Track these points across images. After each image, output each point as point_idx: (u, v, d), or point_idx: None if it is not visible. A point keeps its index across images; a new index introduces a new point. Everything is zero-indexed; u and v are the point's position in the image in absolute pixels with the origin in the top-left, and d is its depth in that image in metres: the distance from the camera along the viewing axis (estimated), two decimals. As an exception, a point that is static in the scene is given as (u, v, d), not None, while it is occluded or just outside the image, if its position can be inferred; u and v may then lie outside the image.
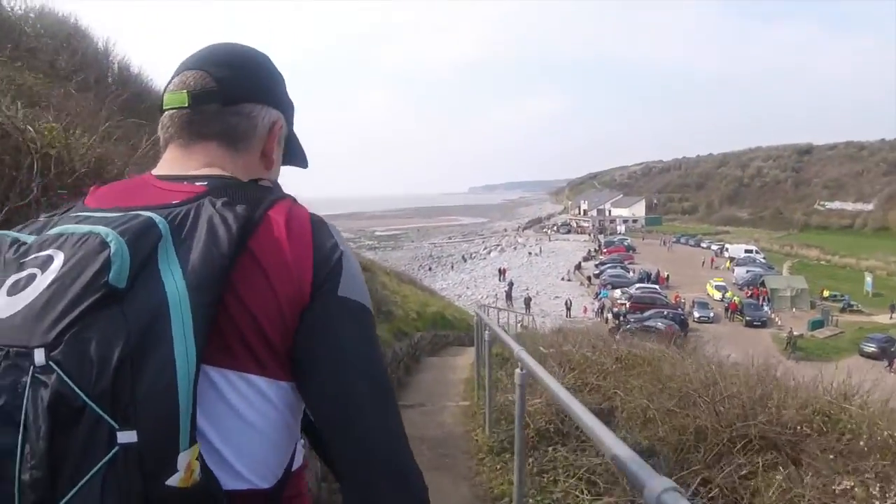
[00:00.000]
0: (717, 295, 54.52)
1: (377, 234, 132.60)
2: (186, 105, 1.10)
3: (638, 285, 55.79)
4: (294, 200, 1.08)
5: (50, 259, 0.86)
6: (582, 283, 64.45)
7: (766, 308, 50.27)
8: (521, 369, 3.83)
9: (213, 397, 0.90)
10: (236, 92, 1.12)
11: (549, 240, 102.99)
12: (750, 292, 55.23)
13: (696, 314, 47.74)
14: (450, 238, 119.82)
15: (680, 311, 47.42)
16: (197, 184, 1.05)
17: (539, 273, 72.14)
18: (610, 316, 47.14)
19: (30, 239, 0.92)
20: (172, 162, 1.12)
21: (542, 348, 8.52)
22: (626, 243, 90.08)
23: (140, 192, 1.05)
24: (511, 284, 59.00)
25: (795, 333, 41.96)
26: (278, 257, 0.95)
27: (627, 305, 48.17)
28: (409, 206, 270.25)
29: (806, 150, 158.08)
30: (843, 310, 50.99)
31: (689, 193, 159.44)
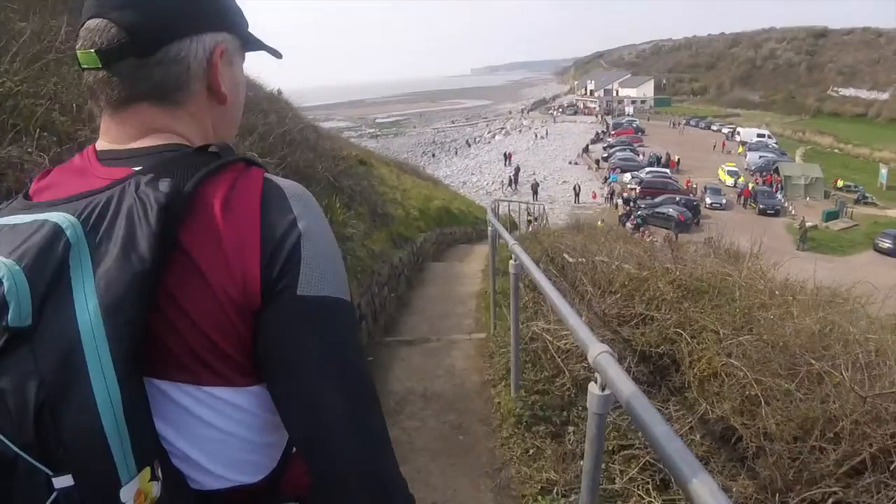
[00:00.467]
0: (730, 181, 52.99)
1: (378, 121, 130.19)
2: (100, 66, 0.92)
3: (648, 169, 54.40)
4: (247, 164, 0.94)
5: None
6: (590, 167, 62.93)
7: (779, 196, 48.71)
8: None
9: (176, 410, 0.85)
10: (151, 36, 0.92)
11: (555, 122, 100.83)
12: (763, 179, 53.45)
13: (709, 200, 46.32)
14: (453, 122, 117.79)
15: (691, 196, 46.10)
16: (134, 168, 0.89)
17: (546, 157, 70.61)
18: (620, 202, 46.05)
19: None
20: (108, 133, 0.97)
21: (567, 256, 7.15)
22: (634, 125, 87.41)
23: (77, 179, 0.92)
24: (517, 169, 57.51)
25: (809, 224, 40.97)
26: (214, 249, 0.83)
27: (638, 191, 46.97)
28: (410, 91, 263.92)
29: (821, 34, 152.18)
30: (857, 201, 49.13)
31: (700, 74, 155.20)
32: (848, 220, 44.67)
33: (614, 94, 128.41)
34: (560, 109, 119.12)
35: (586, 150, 71.32)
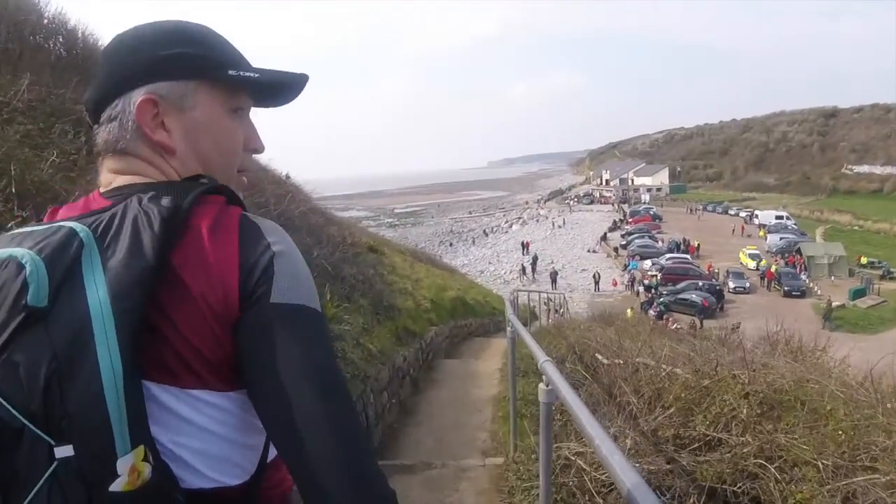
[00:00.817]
0: (752, 264, 51.93)
1: (397, 211, 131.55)
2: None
3: (668, 255, 53.70)
4: (228, 200, 1.03)
5: None
6: (609, 255, 61.99)
7: (803, 277, 47.43)
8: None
9: (162, 410, 0.91)
10: (98, 105, 1.05)
11: (572, 211, 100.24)
12: (785, 261, 52.20)
13: (732, 285, 45.12)
14: (470, 212, 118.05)
15: (714, 281, 44.97)
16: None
17: (563, 245, 69.92)
18: (641, 289, 45.02)
19: None
20: (103, 179, 1.08)
21: (600, 356, 6.10)
22: (651, 212, 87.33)
23: (83, 210, 1.02)
24: (535, 258, 56.72)
25: (837, 303, 40.00)
26: (201, 268, 0.92)
27: (659, 277, 46.09)
28: (428, 183, 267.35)
29: (831, 114, 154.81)
30: (882, 277, 48.18)
31: (713, 160, 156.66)
32: (876, 296, 43.49)
33: (630, 182, 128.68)
34: (576, 199, 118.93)
35: (604, 237, 70.61)
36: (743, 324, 33.56)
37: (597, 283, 48.61)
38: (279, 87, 1.13)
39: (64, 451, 0.82)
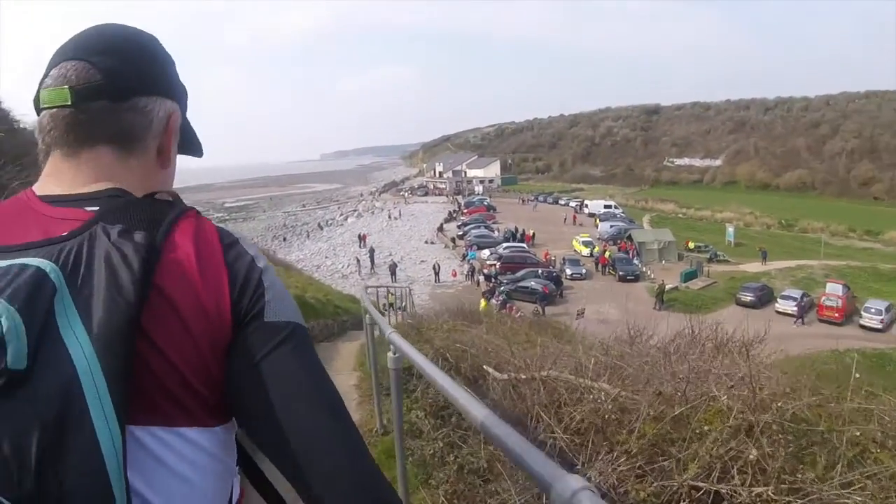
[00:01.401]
0: (585, 250, 53.27)
1: (227, 205, 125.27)
2: (69, 103, 0.94)
3: (505, 244, 53.86)
4: (198, 213, 1.00)
5: None
6: (447, 246, 61.58)
7: (636, 262, 49.23)
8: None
9: (142, 456, 0.81)
10: (127, 84, 0.97)
11: (407, 203, 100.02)
12: (617, 247, 54.27)
13: (569, 271, 45.82)
14: (304, 206, 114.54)
15: (552, 268, 45.70)
16: (87, 209, 0.92)
17: (401, 237, 68.93)
18: (481, 278, 44.88)
19: None
20: (57, 176, 0.97)
21: (493, 371, 4.88)
22: (486, 203, 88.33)
23: (20, 222, 0.91)
24: (372, 250, 55.29)
25: (670, 286, 41.76)
26: (189, 291, 0.87)
27: (498, 266, 45.96)
28: (260, 176, 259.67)
29: (654, 111, 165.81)
30: (710, 260, 50.85)
31: (543, 153, 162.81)
32: (706, 278, 45.58)
33: (463, 174, 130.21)
34: (411, 191, 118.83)
35: (441, 228, 70.42)
36: (585, 308, 34.72)
37: (437, 274, 47.88)
38: (187, 141, 1.15)
39: None
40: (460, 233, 64.50)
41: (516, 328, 7.64)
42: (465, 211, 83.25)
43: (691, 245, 55.45)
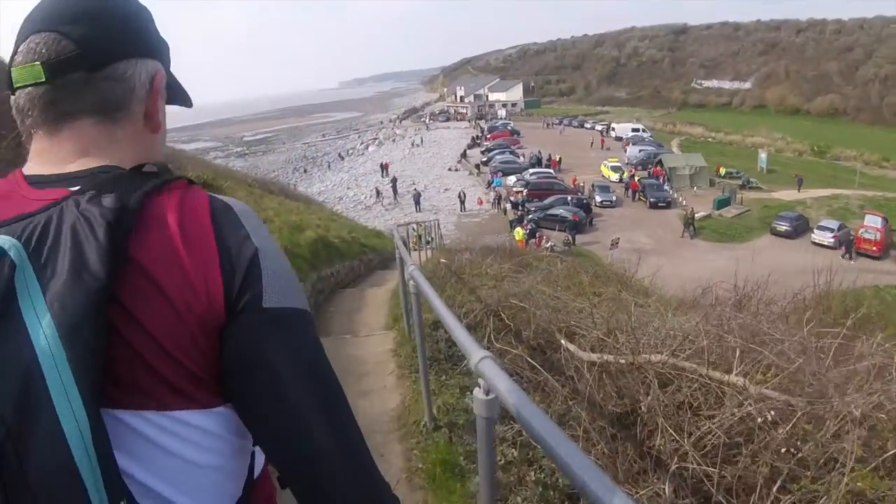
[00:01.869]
0: (614, 176, 51.44)
1: (246, 139, 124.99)
2: (43, 79, 0.89)
3: (532, 171, 52.19)
4: (189, 183, 0.94)
5: None
6: (471, 173, 60.10)
7: (667, 188, 47.48)
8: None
9: (136, 440, 0.79)
10: (103, 51, 0.92)
11: (428, 129, 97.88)
12: (648, 172, 52.45)
13: (598, 199, 44.24)
14: (324, 136, 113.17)
15: (581, 195, 44.25)
16: (70, 188, 0.87)
17: (424, 165, 67.46)
18: (508, 206, 43.58)
19: None
20: (42, 155, 0.93)
21: (572, 347, 3.82)
22: (509, 127, 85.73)
23: (5, 205, 0.86)
24: (395, 180, 54.06)
25: (703, 213, 40.66)
26: (174, 267, 0.81)
27: (524, 193, 44.44)
28: (278, 107, 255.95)
29: (682, 30, 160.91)
30: (742, 187, 49.13)
31: (566, 75, 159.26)
32: (740, 206, 44.10)
33: (485, 98, 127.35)
34: (432, 117, 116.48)
35: (464, 155, 68.67)
36: (619, 237, 33.59)
37: (462, 202, 46.59)
38: (174, 94, 1.10)
39: None
40: (484, 159, 62.87)
41: (575, 276, 6.50)
42: (489, 136, 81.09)
43: (722, 171, 53.79)
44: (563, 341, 3.97)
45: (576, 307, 5.02)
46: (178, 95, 1.11)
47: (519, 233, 32.31)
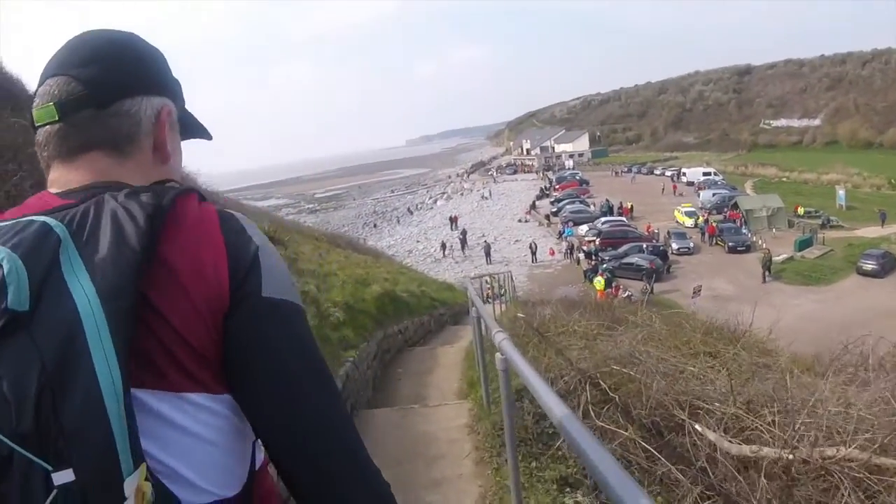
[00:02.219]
0: (689, 221, 50.13)
1: (317, 196, 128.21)
2: (56, 118, 1.00)
3: (603, 219, 51.37)
4: (200, 194, 1.03)
5: None
6: (541, 224, 59.44)
7: (745, 231, 45.72)
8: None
9: (154, 421, 0.84)
10: (109, 90, 1.02)
11: (496, 182, 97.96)
12: (724, 216, 50.58)
13: (675, 245, 42.97)
14: (392, 191, 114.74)
15: (656, 242, 42.95)
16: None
17: (493, 217, 67.29)
18: (581, 256, 42.47)
19: None
20: (59, 181, 1.02)
21: (711, 435, 2.81)
22: (578, 177, 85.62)
23: (38, 206, 0.96)
24: (464, 232, 53.76)
25: (785, 255, 39.43)
26: (191, 259, 0.90)
27: (597, 242, 43.63)
28: (348, 165, 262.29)
29: (745, 71, 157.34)
30: (822, 226, 47.20)
31: (632, 123, 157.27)
32: (821, 245, 42.29)
33: (551, 150, 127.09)
34: (499, 170, 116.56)
35: (533, 206, 68.28)
36: (694, 284, 32.02)
37: (534, 253, 45.85)
38: (190, 128, 1.21)
39: (63, 477, 0.72)
40: (554, 209, 62.16)
41: (681, 333, 5.50)
42: (557, 186, 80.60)
43: (801, 210, 51.69)
44: (696, 426, 3.03)
45: (691, 372, 4.07)
46: (195, 130, 1.22)
47: (600, 283, 31.11)
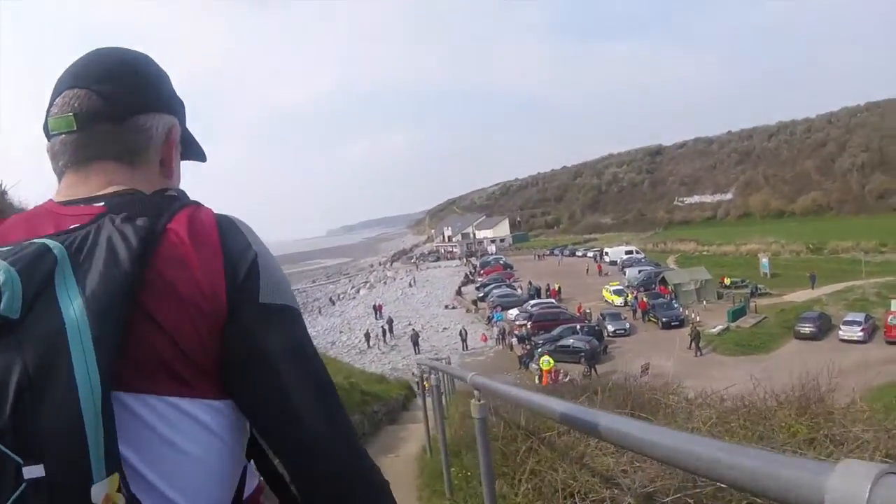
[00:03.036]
0: (618, 300, 49.93)
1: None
2: (75, 128, 1.04)
3: (532, 302, 50.44)
4: (198, 205, 1.06)
5: None
6: (469, 310, 58.11)
7: (676, 305, 45.38)
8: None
9: (136, 425, 0.85)
10: (126, 106, 1.07)
11: (419, 269, 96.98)
12: (650, 292, 50.40)
13: (611, 328, 41.83)
14: (314, 281, 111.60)
15: (588, 322, 41.94)
16: (95, 204, 1.01)
17: (419, 305, 65.79)
18: (514, 341, 40.78)
19: None
20: (71, 187, 1.06)
21: None
22: (502, 261, 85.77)
23: (42, 222, 1.00)
24: (391, 321, 51.70)
25: (721, 327, 39.15)
26: (185, 270, 0.92)
27: (529, 326, 42.25)
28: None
29: (657, 151, 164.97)
30: (752, 294, 47.78)
31: (550, 207, 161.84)
32: (755, 314, 42.17)
33: (472, 236, 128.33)
34: (422, 257, 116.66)
35: (459, 292, 67.54)
36: (634, 362, 30.76)
37: (464, 340, 44.27)
38: (190, 148, 1.27)
39: (34, 472, 0.74)
40: (480, 294, 61.51)
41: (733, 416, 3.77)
42: (482, 272, 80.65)
43: (727, 281, 52.47)
44: None
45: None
46: (193, 150, 1.28)
47: (548, 363, 29.48)
